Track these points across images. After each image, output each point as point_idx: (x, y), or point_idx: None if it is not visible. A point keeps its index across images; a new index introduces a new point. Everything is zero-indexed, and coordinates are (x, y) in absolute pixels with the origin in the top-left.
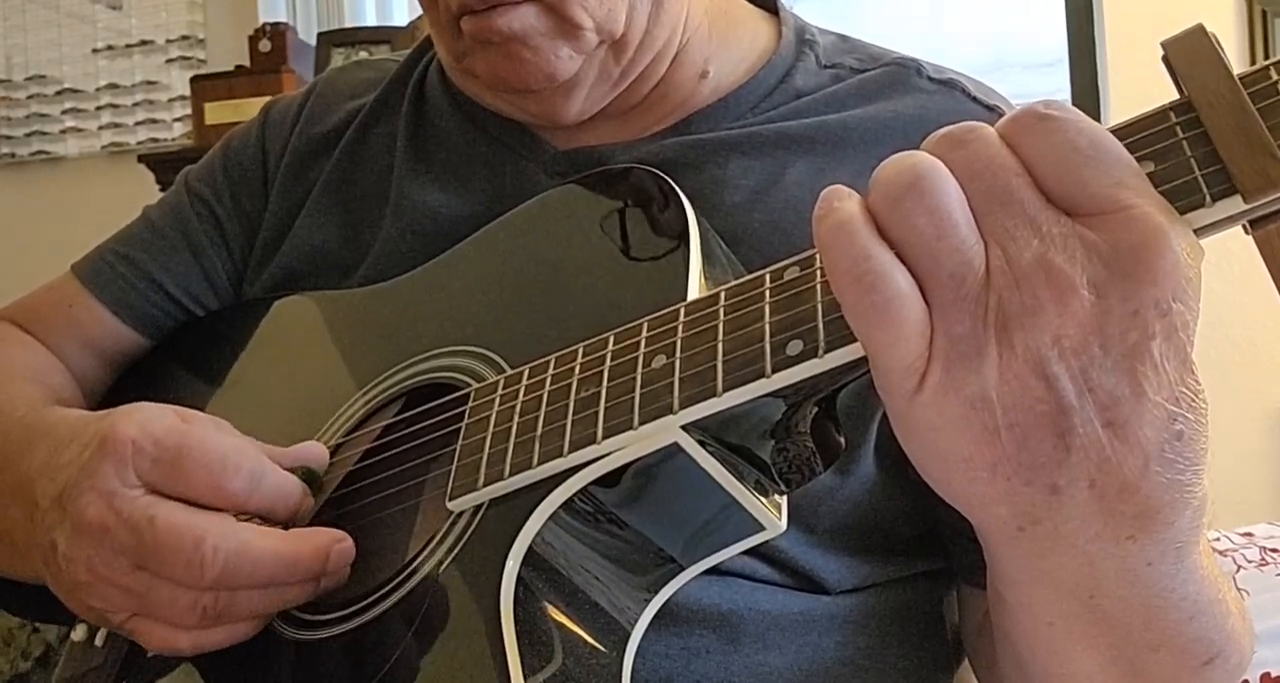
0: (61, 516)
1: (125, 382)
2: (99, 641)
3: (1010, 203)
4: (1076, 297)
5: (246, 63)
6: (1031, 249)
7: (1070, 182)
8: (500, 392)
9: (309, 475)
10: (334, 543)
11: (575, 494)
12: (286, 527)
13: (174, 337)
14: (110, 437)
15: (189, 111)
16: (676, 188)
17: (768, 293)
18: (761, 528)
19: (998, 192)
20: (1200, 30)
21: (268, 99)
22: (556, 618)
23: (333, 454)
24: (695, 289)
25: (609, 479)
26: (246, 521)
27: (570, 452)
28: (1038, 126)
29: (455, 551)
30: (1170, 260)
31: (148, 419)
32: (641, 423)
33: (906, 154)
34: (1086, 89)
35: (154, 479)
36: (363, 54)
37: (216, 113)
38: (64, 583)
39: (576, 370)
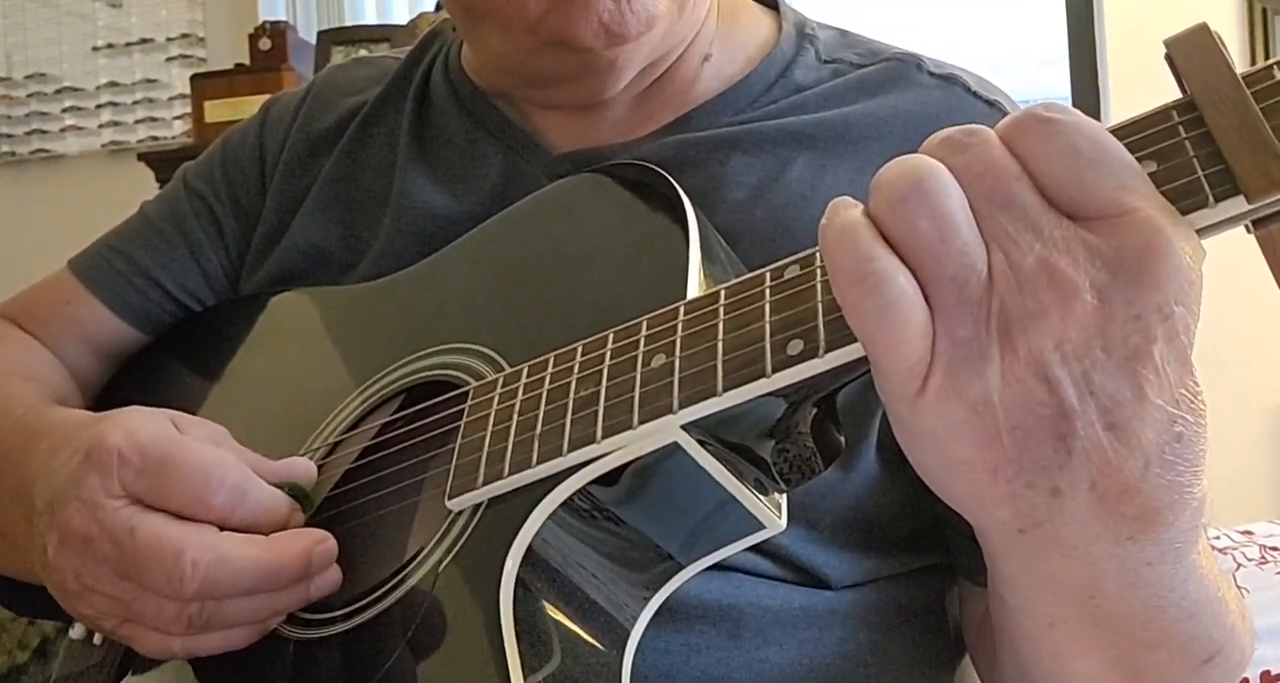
0: (50, 521)
1: (122, 378)
2: (97, 639)
3: (1011, 206)
4: (1079, 300)
5: (246, 61)
6: (1034, 252)
7: (1072, 184)
8: (499, 390)
9: (295, 491)
10: (315, 545)
11: (574, 493)
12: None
13: (171, 332)
14: (96, 446)
15: (189, 110)
16: (675, 184)
17: (768, 292)
18: (761, 526)
19: (999, 195)
20: (1204, 29)
21: (268, 97)
22: (556, 617)
23: (330, 452)
24: (695, 287)
25: (608, 478)
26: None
27: (569, 451)
28: (1038, 129)
29: (454, 550)
30: (1173, 264)
31: (136, 427)
32: (641, 422)
33: (908, 157)
34: (1087, 86)
35: (138, 490)
36: (363, 52)
37: (216, 111)
38: (56, 589)
39: (575, 369)
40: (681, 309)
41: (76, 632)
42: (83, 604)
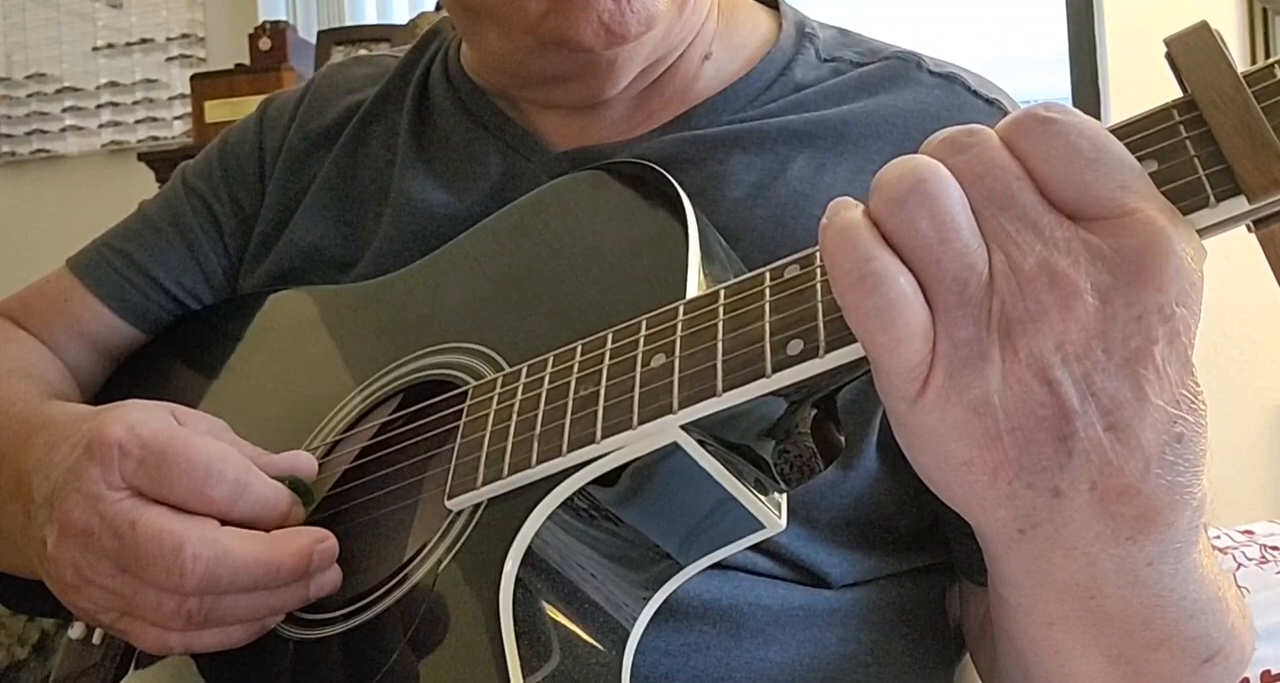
0: (50, 514)
1: (121, 375)
2: (96, 639)
3: (1011, 206)
4: (1080, 301)
5: (246, 61)
6: (1035, 253)
7: (1072, 185)
8: (498, 390)
9: (296, 485)
10: (315, 543)
11: (574, 494)
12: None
13: (170, 331)
14: (97, 438)
15: (189, 110)
16: (675, 183)
17: (768, 292)
18: (761, 526)
19: (998, 195)
20: (1204, 28)
21: (266, 95)
22: (555, 618)
23: (330, 451)
24: (694, 287)
25: (608, 478)
26: None
27: (569, 451)
28: (1039, 129)
29: (454, 550)
30: (1174, 265)
31: (137, 420)
32: (641, 422)
33: (908, 158)
34: (1087, 86)
35: (138, 482)
36: (363, 52)
37: (216, 111)
38: (54, 583)
39: (575, 369)
40: (681, 309)
41: (75, 631)
42: (81, 598)
